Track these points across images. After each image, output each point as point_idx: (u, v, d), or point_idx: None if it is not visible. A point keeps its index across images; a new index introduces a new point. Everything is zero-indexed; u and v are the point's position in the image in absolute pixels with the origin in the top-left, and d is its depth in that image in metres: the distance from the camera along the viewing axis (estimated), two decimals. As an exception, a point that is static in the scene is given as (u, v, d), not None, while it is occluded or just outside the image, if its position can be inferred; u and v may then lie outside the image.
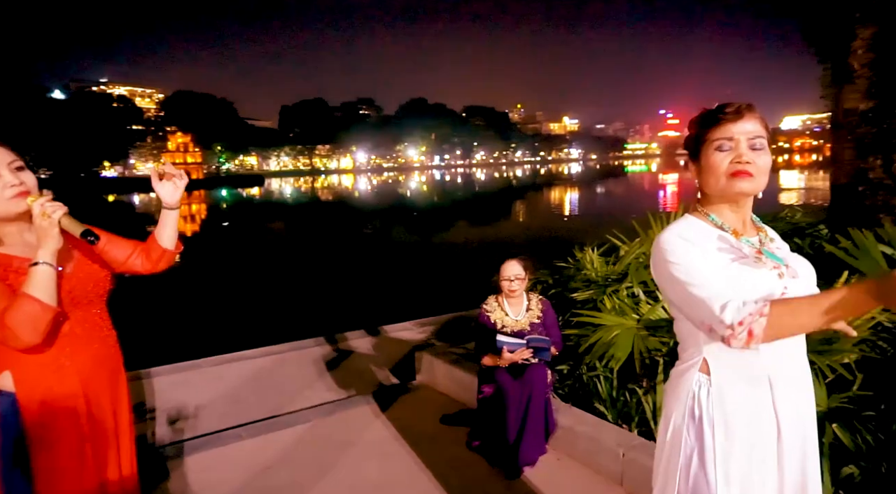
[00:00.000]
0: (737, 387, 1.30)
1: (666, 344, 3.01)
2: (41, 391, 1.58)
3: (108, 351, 1.77)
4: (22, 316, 1.45)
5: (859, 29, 3.34)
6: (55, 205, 1.52)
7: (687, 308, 1.25)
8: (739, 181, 1.26)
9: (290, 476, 3.01)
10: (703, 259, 1.24)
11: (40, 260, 1.50)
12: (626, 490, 2.71)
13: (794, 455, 1.32)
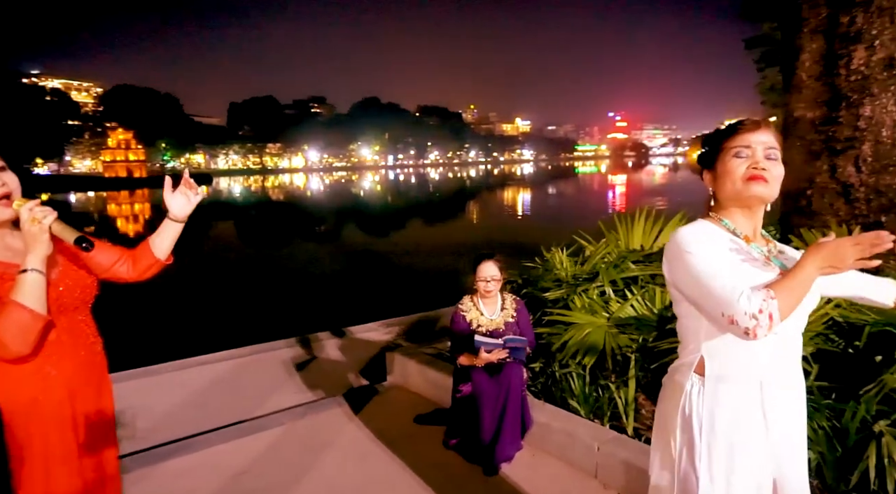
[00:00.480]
0: (727, 389, 1.36)
1: (636, 340, 3.13)
2: (26, 401, 1.53)
3: (93, 358, 1.72)
4: (11, 325, 1.39)
5: (807, 43, 3.57)
6: (45, 211, 1.46)
7: (704, 300, 1.28)
8: (755, 185, 1.33)
9: (267, 480, 2.96)
10: (720, 254, 1.31)
11: (29, 266, 1.44)
12: (601, 483, 2.80)
13: (783, 456, 1.38)
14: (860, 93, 3.37)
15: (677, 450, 1.44)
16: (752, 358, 1.35)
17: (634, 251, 3.87)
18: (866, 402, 2.34)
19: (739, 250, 1.36)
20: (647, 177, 67.85)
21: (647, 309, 3.29)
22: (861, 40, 3.35)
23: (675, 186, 47.25)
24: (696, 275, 1.30)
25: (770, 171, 1.34)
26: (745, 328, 1.20)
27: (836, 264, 1.21)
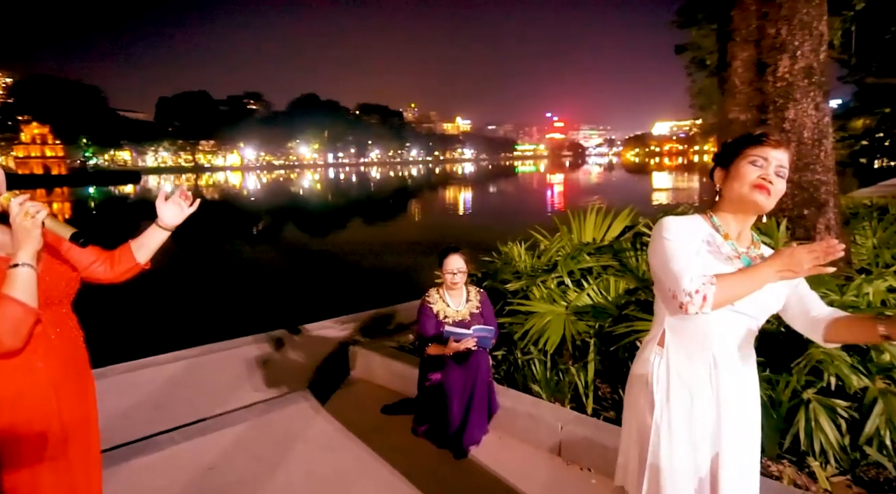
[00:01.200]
0: (684, 361, 1.55)
1: (593, 327, 3.34)
2: (12, 394, 1.53)
3: (77, 352, 1.73)
4: (4, 320, 1.40)
5: (739, 51, 3.90)
6: (37, 206, 1.47)
7: (663, 275, 1.47)
8: (759, 193, 1.48)
9: (237, 474, 2.97)
10: (687, 243, 1.49)
11: (20, 261, 1.44)
12: (564, 460, 2.99)
13: (734, 429, 1.54)
14: (785, 99, 3.73)
15: (640, 415, 1.62)
16: (705, 338, 1.53)
17: (588, 244, 4.11)
18: (797, 374, 2.64)
19: (710, 243, 1.53)
20: (584, 176, 70.03)
21: (602, 297, 3.51)
22: (785, 50, 3.70)
23: (611, 185, 49.12)
24: (662, 257, 1.48)
25: (775, 186, 1.49)
26: (681, 302, 1.39)
27: (793, 268, 1.35)
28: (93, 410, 1.81)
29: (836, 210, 3.84)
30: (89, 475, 1.77)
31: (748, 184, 1.50)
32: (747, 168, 1.51)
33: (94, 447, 1.80)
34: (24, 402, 1.55)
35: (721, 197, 1.59)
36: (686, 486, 1.54)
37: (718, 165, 1.61)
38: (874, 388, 2.59)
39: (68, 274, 1.70)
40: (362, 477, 2.92)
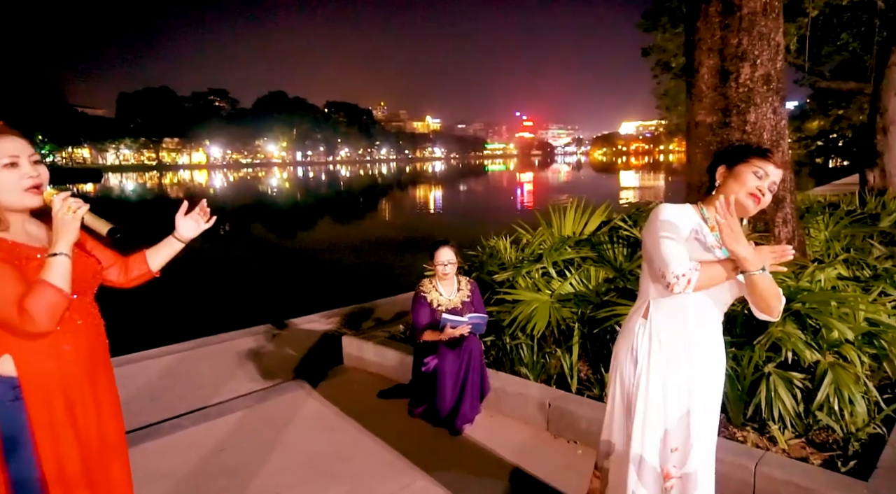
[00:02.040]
0: (664, 332, 1.82)
1: (575, 313, 3.62)
2: (43, 374, 1.61)
3: (99, 338, 1.80)
4: (42, 302, 1.49)
5: (705, 59, 4.22)
6: (79, 202, 1.58)
7: (655, 255, 1.72)
8: (751, 200, 1.73)
9: (246, 455, 3.14)
10: (678, 230, 1.73)
11: (59, 250, 1.55)
12: (552, 434, 3.25)
13: (702, 391, 1.81)
14: (746, 103, 4.06)
15: (624, 378, 1.89)
16: (684, 314, 1.79)
17: (568, 238, 4.39)
18: (758, 350, 2.95)
19: (698, 233, 1.78)
20: (553, 175, 71.01)
21: (583, 286, 3.79)
22: (746, 59, 4.04)
23: (579, 184, 49.97)
24: (655, 239, 1.73)
25: (764, 198, 1.74)
26: (668, 282, 1.64)
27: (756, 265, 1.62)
28: (116, 394, 1.88)
29: (793, 205, 4.20)
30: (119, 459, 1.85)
31: (746, 189, 1.73)
32: (749, 175, 1.74)
33: (120, 431, 1.88)
34: (53, 383, 1.62)
35: (717, 192, 1.82)
36: (655, 432, 1.83)
37: (723, 163, 1.83)
38: (825, 362, 2.93)
39: (94, 267, 1.80)
40: (363, 455, 3.13)
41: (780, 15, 4.08)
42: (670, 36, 18.06)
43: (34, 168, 1.61)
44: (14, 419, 1.56)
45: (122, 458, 1.88)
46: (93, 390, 1.74)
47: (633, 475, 1.84)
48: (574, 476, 2.81)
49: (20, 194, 1.59)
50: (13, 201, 1.59)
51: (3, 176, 1.57)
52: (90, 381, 1.73)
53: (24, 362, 1.58)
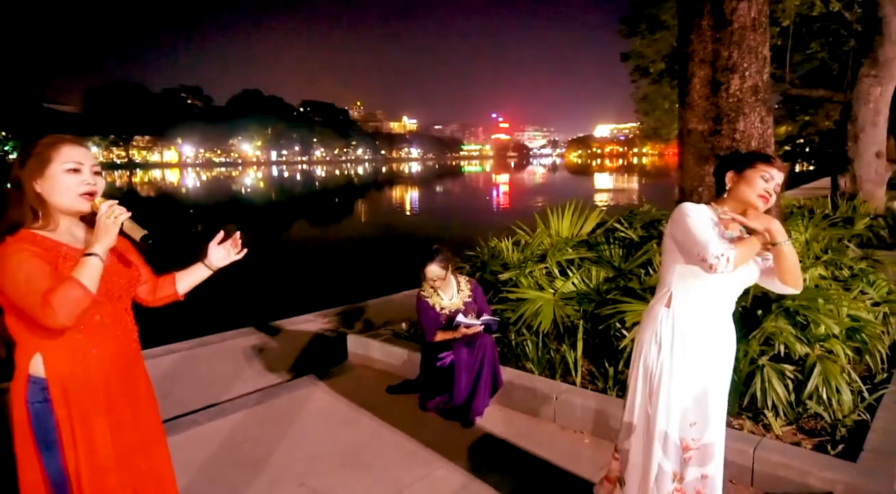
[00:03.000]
0: (686, 319, 2.02)
1: (578, 310, 3.80)
2: (68, 375, 1.65)
3: (130, 344, 1.84)
4: (66, 297, 1.53)
5: (697, 70, 4.45)
6: (122, 209, 1.66)
7: (691, 245, 1.89)
8: (761, 201, 1.96)
9: (266, 447, 3.24)
10: (705, 221, 1.93)
11: (94, 252, 1.60)
12: (559, 425, 3.42)
13: (716, 375, 2.04)
14: (736, 112, 4.31)
15: (649, 362, 2.07)
16: (702, 302, 2.01)
17: (568, 239, 4.58)
18: (753, 344, 3.17)
19: (716, 227, 1.98)
20: (529, 177, 71.67)
21: (585, 285, 3.98)
22: (736, 71, 4.28)
23: (555, 186, 50.61)
24: (688, 229, 1.92)
25: (771, 199, 1.97)
26: (710, 264, 1.81)
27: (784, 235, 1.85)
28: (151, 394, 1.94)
29: (778, 209, 4.46)
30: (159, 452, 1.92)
31: (756, 192, 1.96)
32: (758, 179, 1.96)
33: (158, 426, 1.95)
34: (78, 385, 1.66)
35: (729, 194, 2.04)
36: (677, 409, 2.03)
37: (731, 169, 2.05)
38: (813, 355, 3.16)
39: (132, 276, 1.86)
40: (382, 446, 3.26)
41: (766, 30, 4.34)
42: (649, 42, 18.54)
43: (93, 177, 1.71)
44: (44, 419, 1.63)
45: (163, 451, 1.94)
46: (125, 390, 1.77)
47: (658, 449, 2.03)
48: (584, 462, 2.99)
49: (74, 198, 1.67)
50: (67, 204, 1.68)
51: (64, 179, 1.66)
52: (122, 382, 1.76)
53: (51, 364, 1.63)
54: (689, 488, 2.06)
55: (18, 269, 1.55)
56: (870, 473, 2.51)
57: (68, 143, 1.70)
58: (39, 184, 1.66)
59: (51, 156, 1.67)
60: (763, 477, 2.70)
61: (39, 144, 1.68)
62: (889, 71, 8.69)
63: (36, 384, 1.62)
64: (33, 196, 1.66)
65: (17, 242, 1.60)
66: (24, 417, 1.63)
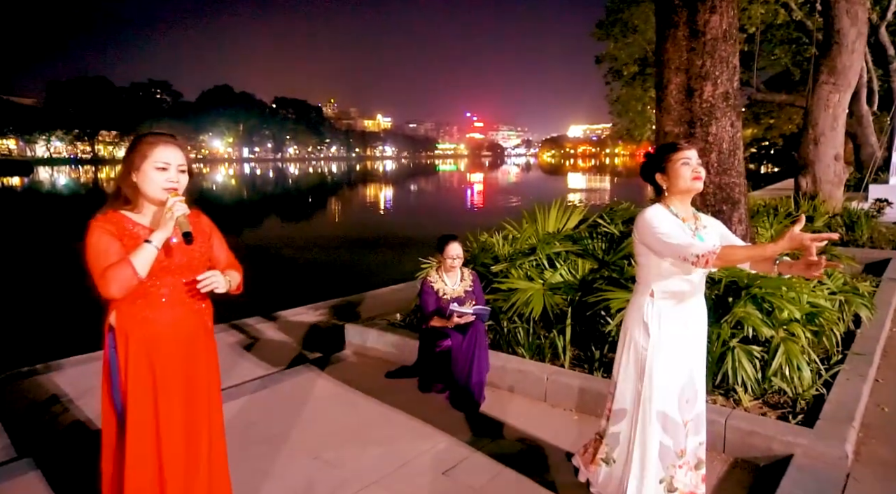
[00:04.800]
0: (668, 307, 2.28)
1: (565, 299, 4.09)
2: (129, 330, 2.00)
3: (190, 316, 2.11)
4: (119, 275, 1.86)
5: (673, 77, 4.79)
6: (182, 207, 1.96)
7: (666, 250, 2.12)
8: (697, 182, 2.21)
9: (278, 427, 3.44)
10: (672, 225, 2.17)
11: (152, 240, 1.91)
12: (549, 404, 3.71)
13: (695, 357, 2.32)
14: (708, 117, 4.66)
15: (637, 346, 2.33)
16: (681, 290, 2.27)
17: (553, 234, 4.88)
18: (725, 327, 3.50)
19: (679, 226, 2.22)
20: (503, 176, 72.28)
21: (571, 275, 4.28)
22: (708, 79, 4.63)
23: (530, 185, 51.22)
24: (659, 237, 2.13)
25: (701, 173, 2.22)
26: (692, 262, 2.03)
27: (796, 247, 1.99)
28: (214, 361, 2.22)
29: (746, 207, 4.83)
30: (214, 411, 2.21)
31: (688, 178, 2.20)
32: (682, 168, 2.20)
33: (215, 389, 2.23)
34: (132, 340, 1.99)
35: (669, 192, 2.26)
36: (673, 389, 2.28)
37: (656, 171, 2.28)
38: (778, 337, 3.51)
39: (192, 256, 2.10)
40: (387, 424, 3.49)
41: (736, 41, 4.70)
42: (622, 45, 19.11)
43: (178, 175, 2.01)
44: (112, 359, 2.03)
45: (215, 411, 2.23)
46: (182, 353, 2.07)
47: (656, 426, 2.27)
48: (573, 437, 3.27)
49: (159, 191, 1.99)
50: (153, 194, 2.00)
51: (154, 174, 1.97)
52: (180, 344, 2.07)
53: (120, 320, 2.01)
54: (691, 456, 2.33)
55: (96, 244, 1.91)
56: (824, 437, 2.85)
57: (163, 144, 1.99)
58: (135, 175, 1.98)
59: (146, 153, 1.96)
60: (734, 444, 3.03)
61: (142, 143, 1.98)
62: (846, 79, 9.25)
63: (111, 332, 2.02)
64: (130, 184, 1.99)
65: (100, 221, 1.95)
66: (105, 356, 2.04)
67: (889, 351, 4.45)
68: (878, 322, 4.58)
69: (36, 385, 4.30)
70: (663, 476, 2.30)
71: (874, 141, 16.37)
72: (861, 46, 9.28)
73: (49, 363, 4.67)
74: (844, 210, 9.10)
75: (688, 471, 2.33)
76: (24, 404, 3.97)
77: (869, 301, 4.66)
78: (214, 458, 2.21)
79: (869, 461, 2.90)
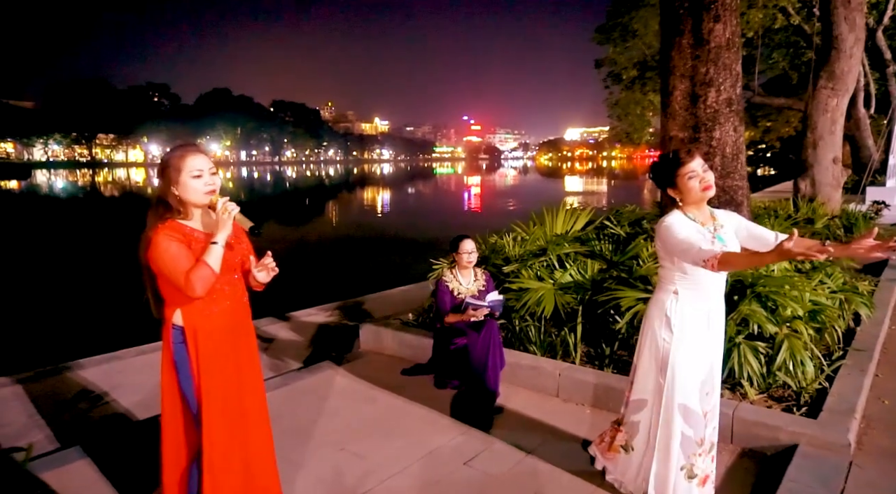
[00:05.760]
0: (691, 306, 2.42)
1: (576, 298, 4.23)
2: (197, 324, 2.19)
3: (239, 307, 2.35)
4: (200, 276, 2.07)
5: (678, 84, 4.94)
6: (233, 205, 2.16)
7: (683, 257, 2.28)
8: (709, 192, 2.35)
9: (303, 420, 3.57)
10: (690, 232, 2.31)
11: (217, 241, 2.13)
12: (562, 399, 3.84)
13: (715, 352, 2.47)
14: (712, 122, 4.81)
15: (661, 341, 2.47)
16: (704, 289, 2.41)
17: (562, 235, 5.03)
18: (731, 324, 3.64)
19: (698, 230, 2.37)
20: (501, 179, 72.47)
21: (580, 275, 4.42)
22: (712, 85, 4.79)
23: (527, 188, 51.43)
24: (677, 246, 2.28)
25: (710, 179, 2.36)
26: (702, 265, 2.17)
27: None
28: (254, 347, 2.43)
29: (748, 209, 4.99)
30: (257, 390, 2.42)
31: (698, 190, 2.34)
32: (690, 182, 2.34)
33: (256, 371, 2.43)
34: (203, 333, 2.19)
35: (683, 202, 2.41)
36: (694, 383, 2.42)
37: (667, 187, 2.42)
38: (781, 333, 3.65)
39: (243, 254, 2.36)
40: (408, 417, 3.63)
41: (739, 49, 4.86)
42: (621, 49, 19.32)
43: (211, 178, 2.19)
44: (182, 355, 2.20)
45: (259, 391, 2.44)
46: (235, 340, 2.29)
47: (678, 418, 2.41)
48: (586, 428, 3.42)
49: (201, 195, 2.17)
50: (197, 200, 2.18)
51: (192, 182, 2.16)
52: (233, 334, 2.29)
53: (187, 317, 2.19)
54: (708, 443, 2.48)
55: (167, 251, 2.08)
56: (828, 427, 3.00)
57: (191, 154, 2.17)
58: (176, 188, 2.15)
59: (180, 166, 2.14)
60: (741, 435, 3.17)
61: (172, 159, 2.16)
62: (844, 84, 9.43)
63: (177, 329, 2.19)
64: (174, 197, 2.16)
65: (166, 229, 2.13)
66: (169, 353, 2.21)
67: (888, 347, 4.61)
68: (878, 320, 4.74)
69: (63, 382, 4.43)
70: (684, 464, 2.45)
71: (871, 144, 16.59)
72: (859, 52, 9.47)
73: (69, 363, 4.79)
74: (843, 212, 9.27)
75: (705, 457, 2.47)
76: (56, 399, 4.10)
77: (868, 299, 4.81)
78: (265, 442, 2.43)
79: (871, 449, 3.05)
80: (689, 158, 2.37)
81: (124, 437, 3.45)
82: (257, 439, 2.41)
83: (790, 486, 2.63)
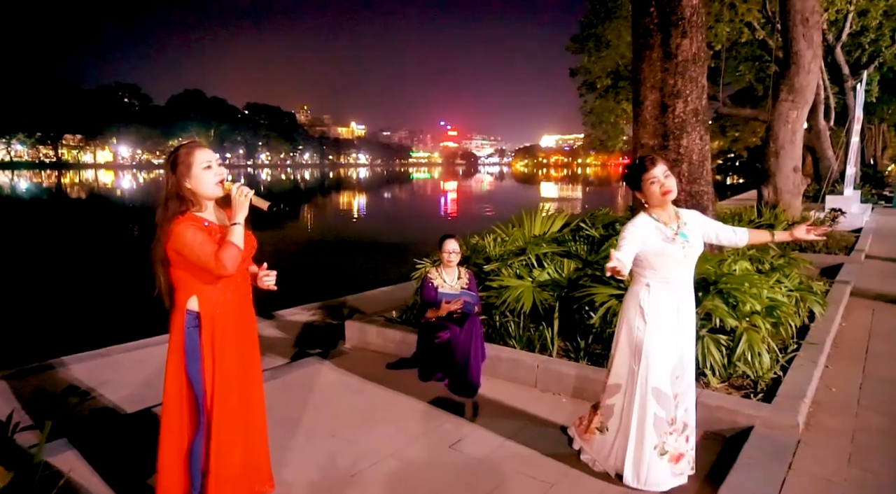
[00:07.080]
0: (662, 296, 2.67)
1: (553, 295, 4.48)
2: (213, 313, 2.32)
3: (246, 294, 2.52)
4: (228, 255, 2.23)
5: (648, 94, 5.26)
6: (247, 188, 2.34)
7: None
8: (668, 196, 2.61)
9: (293, 410, 3.73)
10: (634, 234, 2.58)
11: (237, 221, 2.29)
12: (540, 390, 4.08)
13: (685, 341, 2.72)
14: (680, 131, 5.13)
15: (635, 329, 2.72)
16: (673, 281, 2.67)
17: (540, 236, 5.29)
18: (696, 318, 3.92)
19: (658, 230, 2.63)
20: (477, 185, 72.95)
21: (557, 274, 4.68)
22: (680, 96, 5.11)
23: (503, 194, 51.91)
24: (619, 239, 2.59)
25: (672, 186, 2.62)
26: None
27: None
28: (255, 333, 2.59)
29: (714, 214, 5.31)
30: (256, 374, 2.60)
31: (658, 195, 2.61)
32: (652, 188, 2.61)
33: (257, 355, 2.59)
34: (217, 319, 2.32)
35: (648, 204, 2.68)
36: (666, 367, 2.67)
37: (634, 190, 2.71)
38: (741, 327, 3.95)
39: (251, 244, 2.49)
40: (395, 406, 3.82)
41: (705, 63, 5.19)
42: (595, 59, 19.84)
43: (219, 168, 2.36)
44: (194, 339, 2.30)
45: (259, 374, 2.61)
46: (241, 326, 2.44)
47: (651, 400, 2.66)
48: (563, 415, 3.65)
49: (213, 187, 2.33)
50: (209, 192, 2.34)
51: (204, 174, 2.32)
52: (241, 319, 2.45)
53: (203, 302, 2.30)
54: (679, 423, 2.74)
55: (194, 238, 2.22)
56: (780, 411, 3.30)
57: (197, 149, 2.35)
58: (189, 182, 2.30)
59: (190, 160, 2.30)
60: (704, 419, 3.43)
61: (179, 155, 2.32)
62: (803, 96, 9.96)
63: (191, 315, 2.30)
64: (187, 191, 2.30)
65: (186, 220, 2.27)
66: (179, 338, 2.29)
67: (838, 342, 4.97)
68: (829, 317, 5.10)
69: (49, 379, 4.49)
70: (657, 443, 2.70)
71: (831, 154, 17.37)
72: (817, 67, 10.02)
73: (52, 360, 4.84)
74: (803, 218, 9.77)
75: (677, 437, 2.72)
76: (43, 395, 4.17)
77: (822, 298, 5.18)
78: (262, 425, 2.60)
79: (817, 429, 3.35)
80: (651, 165, 2.63)
81: (111, 430, 3.54)
82: (257, 420, 2.57)
83: (745, 462, 2.90)
